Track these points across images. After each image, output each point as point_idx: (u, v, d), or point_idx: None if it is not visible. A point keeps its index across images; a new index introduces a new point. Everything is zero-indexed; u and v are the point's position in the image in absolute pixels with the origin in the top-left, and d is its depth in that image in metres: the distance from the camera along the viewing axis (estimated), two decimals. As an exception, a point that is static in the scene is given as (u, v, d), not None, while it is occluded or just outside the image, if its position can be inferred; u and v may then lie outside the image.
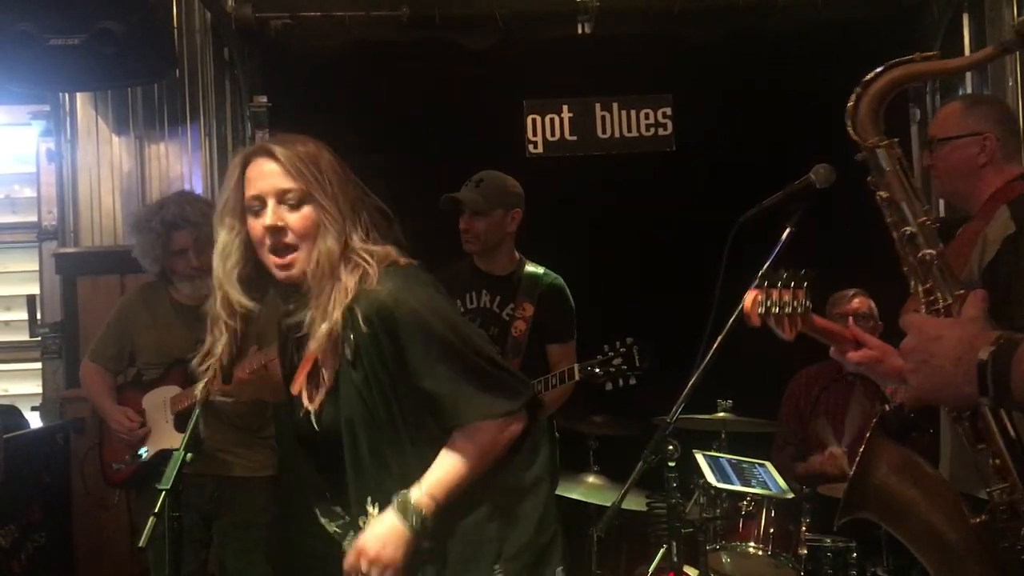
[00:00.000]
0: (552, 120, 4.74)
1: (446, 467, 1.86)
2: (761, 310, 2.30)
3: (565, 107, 4.75)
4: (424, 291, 1.88)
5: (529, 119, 4.73)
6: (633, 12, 4.70)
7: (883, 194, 1.50)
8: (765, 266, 2.50)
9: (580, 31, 4.76)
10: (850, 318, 3.92)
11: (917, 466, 1.97)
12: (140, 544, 2.13)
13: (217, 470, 3.39)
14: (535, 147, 4.73)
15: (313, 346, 1.87)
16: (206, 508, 3.43)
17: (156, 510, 2.10)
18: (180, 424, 3.35)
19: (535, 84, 4.73)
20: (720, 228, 2.63)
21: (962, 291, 1.39)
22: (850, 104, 1.52)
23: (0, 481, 3.72)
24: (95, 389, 3.57)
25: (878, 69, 1.50)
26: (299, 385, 1.96)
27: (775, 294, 2.29)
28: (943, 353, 1.27)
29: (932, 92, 4.66)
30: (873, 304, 3.96)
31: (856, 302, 3.98)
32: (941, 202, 4.30)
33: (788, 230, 2.55)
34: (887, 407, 3.25)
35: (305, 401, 1.94)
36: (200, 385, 1.96)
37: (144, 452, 3.44)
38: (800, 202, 2.45)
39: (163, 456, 3.29)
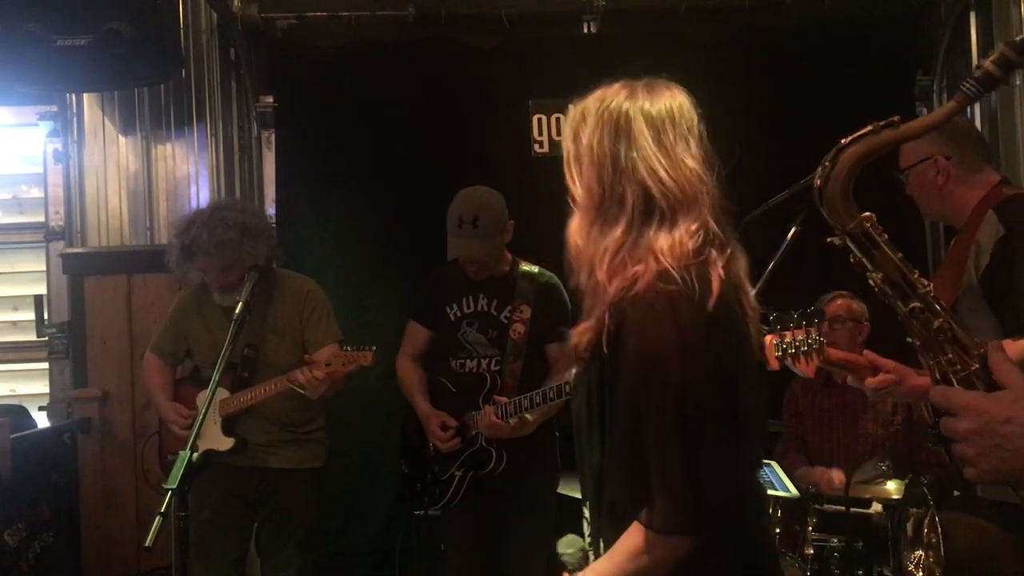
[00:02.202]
0: (558, 119, 4.71)
1: (605, 564, 1.59)
2: (778, 353, 2.35)
3: (571, 106, 4.73)
4: (674, 337, 1.54)
5: (534, 118, 4.71)
6: (639, 11, 4.68)
7: (876, 275, 1.39)
8: (771, 264, 2.51)
9: (586, 30, 4.76)
10: (825, 323, 3.87)
11: (988, 532, 2.00)
12: (147, 544, 2.15)
13: (264, 463, 3.53)
14: (540, 146, 4.72)
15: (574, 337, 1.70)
16: (252, 497, 3.56)
17: (162, 510, 2.12)
18: (227, 427, 3.48)
19: (540, 83, 4.71)
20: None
21: (980, 349, 1.32)
22: (817, 187, 1.43)
23: (7, 481, 3.74)
24: (152, 382, 3.71)
25: (835, 149, 1.40)
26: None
27: (788, 336, 2.35)
28: (1019, 434, 1.21)
29: (939, 91, 4.63)
30: (856, 305, 3.81)
31: (834, 305, 3.87)
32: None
33: (793, 229, 2.56)
34: (924, 480, 3.05)
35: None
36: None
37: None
38: (806, 201, 2.45)
39: (209, 455, 3.42)
